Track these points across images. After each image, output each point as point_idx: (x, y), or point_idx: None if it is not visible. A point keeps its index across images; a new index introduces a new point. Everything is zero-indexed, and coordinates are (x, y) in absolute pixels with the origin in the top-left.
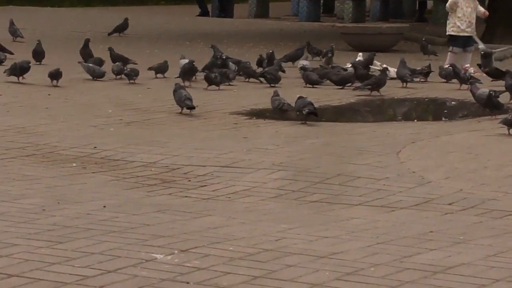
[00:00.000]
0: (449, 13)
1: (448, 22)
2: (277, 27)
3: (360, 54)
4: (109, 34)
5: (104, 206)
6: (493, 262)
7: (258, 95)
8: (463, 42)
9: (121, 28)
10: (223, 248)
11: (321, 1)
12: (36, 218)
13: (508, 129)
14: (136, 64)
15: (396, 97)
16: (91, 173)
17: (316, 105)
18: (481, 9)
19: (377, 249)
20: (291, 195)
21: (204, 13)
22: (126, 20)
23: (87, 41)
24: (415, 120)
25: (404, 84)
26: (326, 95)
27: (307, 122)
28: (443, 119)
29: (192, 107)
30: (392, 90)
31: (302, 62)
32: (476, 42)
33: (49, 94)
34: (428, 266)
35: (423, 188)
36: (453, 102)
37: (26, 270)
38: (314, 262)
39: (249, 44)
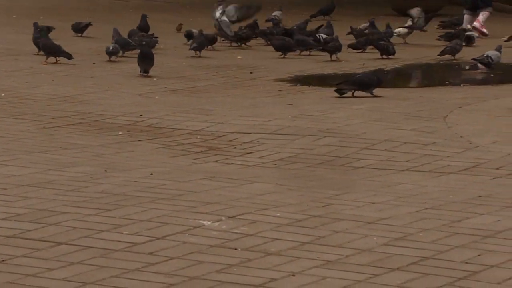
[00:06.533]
0: None
1: None
2: None
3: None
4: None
5: (151, 174)
6: None
7: (302, 62)
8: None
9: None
10: (271, 215)
11: None
12: (84, 186)
13: None
14: None
15: (441, 62)
16: (138, 141)
17: (361, 71)
18: None
19: (425, 214)
20: (338, 161)
21: None
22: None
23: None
24: (462, 85)
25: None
26: (371, 61)
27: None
28: None
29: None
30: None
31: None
32: None
33: (93, 63)
34: (478, 231)
35: (471, 152)
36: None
37: (74, 238)
38: (362, 227)
39: None
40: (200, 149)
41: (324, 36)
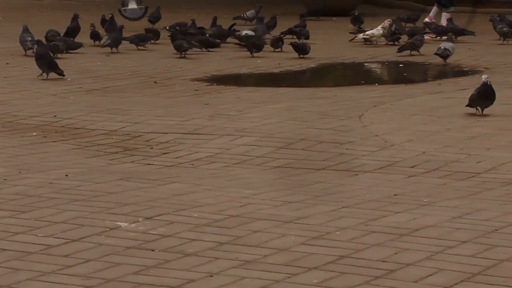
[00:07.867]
0: None
1: None
2: None
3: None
4: None
5: (67, 175)
6: (459, 223)
7: (219, 61)
8: None
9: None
10: (188, 215)
11: None
12: None
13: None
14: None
15: (357, 61)
16: (52, 142)
17: (277, 70)
18: None
19: (342, 213)
20: (255, 160)
21: None
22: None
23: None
24: (376, 84)
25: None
26: (288, 60)
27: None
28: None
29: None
30: (355, 54)
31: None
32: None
33: (7, 63)
34: (394, 229)
35: (387, 151)
36: (400, 65)
37: None
38: (279, 227)
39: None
40: (116, 149)
41: (250, 33)
